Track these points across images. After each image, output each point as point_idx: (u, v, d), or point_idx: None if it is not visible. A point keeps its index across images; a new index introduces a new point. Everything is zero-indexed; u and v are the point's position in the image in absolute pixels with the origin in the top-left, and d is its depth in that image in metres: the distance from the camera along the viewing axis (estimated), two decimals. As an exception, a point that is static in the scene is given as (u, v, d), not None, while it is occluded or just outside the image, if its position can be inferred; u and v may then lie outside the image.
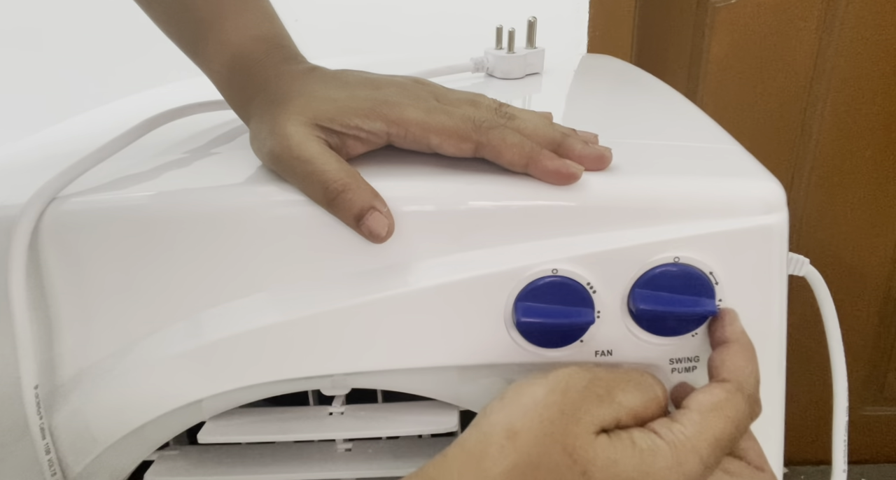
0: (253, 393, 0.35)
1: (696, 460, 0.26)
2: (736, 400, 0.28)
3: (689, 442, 0.26)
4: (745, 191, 0.32)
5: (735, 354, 0.30)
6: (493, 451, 0.25)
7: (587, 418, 0.26)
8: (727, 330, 0.31)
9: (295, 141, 0.32)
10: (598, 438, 0.26)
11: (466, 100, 0.34)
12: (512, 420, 0.26)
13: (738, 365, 0.29)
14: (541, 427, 0.26)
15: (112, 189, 0.34)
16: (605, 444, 0.26)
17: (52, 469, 0.34)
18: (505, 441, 0.26)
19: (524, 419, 0.26)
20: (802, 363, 1.10)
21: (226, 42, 0.36)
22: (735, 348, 0.30)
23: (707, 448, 0.26)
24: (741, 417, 0.28)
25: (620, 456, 0.26)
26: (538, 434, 0.26)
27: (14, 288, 0.32)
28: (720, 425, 0.27)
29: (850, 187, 1.08)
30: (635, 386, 0.28)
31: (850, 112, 1.03)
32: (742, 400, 0.28)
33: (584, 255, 0.31)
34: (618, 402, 0.27)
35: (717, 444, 0.26)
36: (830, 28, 0.98)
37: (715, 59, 1.00)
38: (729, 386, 0.28)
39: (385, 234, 0.31)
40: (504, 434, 0.26)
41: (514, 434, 0.26)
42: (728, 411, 0.27)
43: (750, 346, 0.30)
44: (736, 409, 0.27)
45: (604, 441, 0.26)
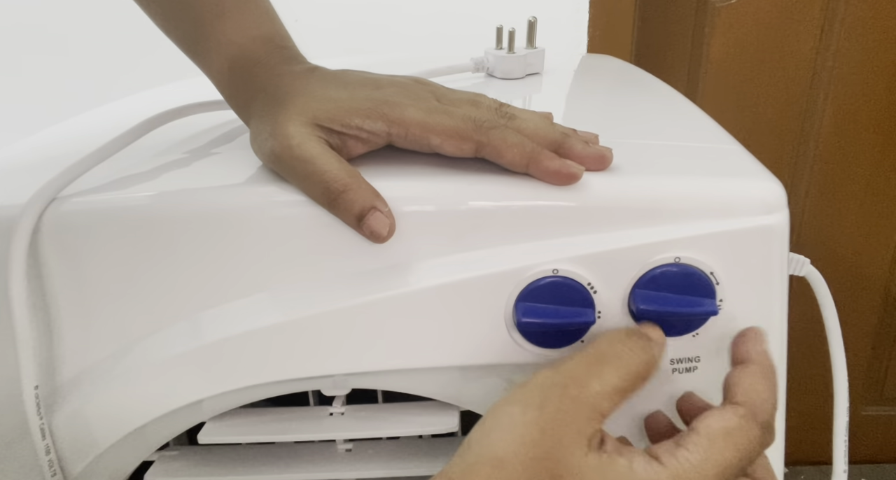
0: (253, 394, 0.35)
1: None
2: (749, 428, 0.26)
3: (694, 472, 0.25)
4: (746, 191, 0.32)
5: (753, 376, 0.28)
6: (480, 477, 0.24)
7: (570, 435, 0.25)
8: (750, 349, 0.29)
9: (296, 141, 0.32)
10: (587, 460, 0.25)
11: (467, 100, 0.34)
12: (495, 449, 0.25)
13: (756, 389, 0.28)
14: (525, 452, 0.25)
15: (112, 189, 0.34)
16: (597, 468, 0.25)
17: (53, 469, 0.34)
18: (491, 471, 0.24)
19: (506, 444, 0.25)
20: (802, 363, 1.10)
21: (226, 42, 0.36)
22: (754, 369, 0.28)
23: (713, 477, 0.25)
24: (752, 446, 0.26)
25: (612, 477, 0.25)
26: (523, 459, 0.25)
27: (14, 288, 0.32)
28: (728, 454, 0.25)
29: (850, 187, 1.08)
30: (609, 366, 0.27)
31: (850, 112, 1.03)
32: (755, 428, 0.26)
33: (585, 255, 0.31)
34: (594, 397, 0.26)
35: (723, 474, 0.25)
36: (830, 28, 0.98)
37: (715, 59, 1.00)
38: (743, 413, 0.27)
39: (386, 234, 0.31)
40: (490, 464, 0.25)
41: (499, 462, 0.25)
42: (739, 439, 0.26)
43: (771, 370, 0.29)
44: (748, 438, 0.26)
45: (594, 463, 0.25)
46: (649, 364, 0.27)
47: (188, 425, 0.36)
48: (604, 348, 0.28)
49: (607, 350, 0.27)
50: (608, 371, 0.27)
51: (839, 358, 0.40)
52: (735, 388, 0.28)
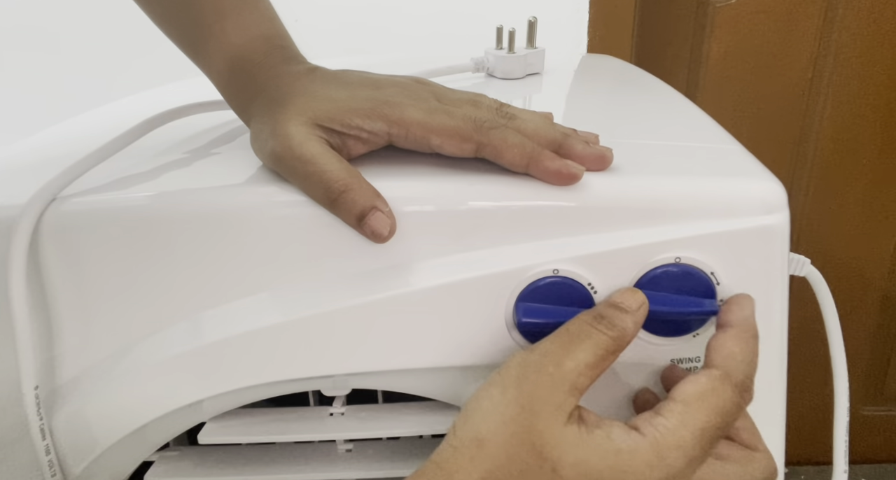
0: (253, 394, 0.35)
1: (679, 454, 0.25)
2: (722, 390, 0.27)
3: (672, 436, 0.26)
4: (747, 192, 0.32)
5: (730, 339, 0.29)
6: (464, 463, 0.26)
7: (547, 409, 0.26)
8: (732, 315, 0.30)
9: (296, 141, 0.32)
10: (566, 431, 0.26)
11: (467, 101, 0.34)
12: (477, 429, 0.26)
13: (732, 352, 0.28)
14: (505, 429, 0.26)
15: (112, 189, 0.34)
16: (576, 440, 0.26)
17: (52, 469, 0.34)
18: (475, 451, 0.26)
19: (487, 424, 0.26)
20: (802, 363, 1.10)
21: (226, 42, 0.36)
22: (732, 333, 0.29)
23: (691, 440, 0.26)
24: (728, 407, 0.27)
25: (592, 455, 0.25)
26: (504, 436, 0.26)
27: (14, 288, 0.32)
28: (704, 416, 0.26)
29: (849, 187, 1.08)
30: (581, 344, 0.28)
31: (850, 112, 1.03)
32: (729, 388, 0.27)
33: (585, 256, 0.31)
34: (568, 372, 0.27)
35: (703, 435, 0.26)
36: (830, 28, 0.98)
37: (715, 59, 1.00)
38: (715, 374, 0.27)
39: (387, 234, 0.31)
40: (473, 445, 0.26)
41: (481, 442, 0.26)
42: (713, 401, 0.27)
43: (750, 332, 0.29)
44: (722, 399, 0.27)
45: (573, 435, 0.26)
46: (618, 340, 0.28)
47: (188, 425, 0.36)
48: (574, 328, 0.29)
49: (577, 330, 0.28)
50: (580, 349, 0.28)
51: (839, 358, 0.40)
52: (712, 353, 0.29)
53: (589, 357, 0.27)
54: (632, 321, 0.29)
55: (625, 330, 0.28)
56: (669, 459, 0.25)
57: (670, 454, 0.25)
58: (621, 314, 0.29)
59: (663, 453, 0.25)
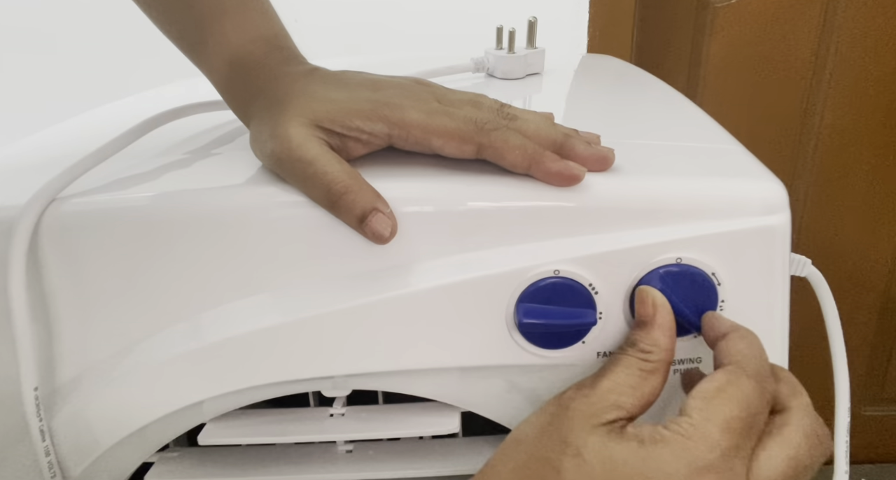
0: (254, 395, 0.35)
1: (706, 447, 0.26)
2: (739, 381, 0.27)
3: (698, 430, 0.26)
4: (748, 192, 0.32)
5: (732, 341, 0.29)
6: (500, 457, 0.29)
7: (578, 414, 0.28)
8: (719, 326, 0.31)
9: (296, 142, 0.31)
10: (595, 428, 0.27)
11: (468, 101, 0.34)
12: (517, 434, 0.29)
13: (738, 349, 0.29)
14: (539, 429, 0.29)
15: (112, 190, 0.33)
16: (603, 437, 0.27)
17: (52, 471, 0.34)
18: (513, 447, 0.29)
19: (526, 429, 0.29)
20: (802, 363, 1.10)
21: (225, 43, 0.36)
22: (732, 336, 0.30)
23: (718, 432, 0.26)
24: (749, 396, 0.27)
25: (616, 445, 0.26)
26: (538, 434, 0.28)
27: (14, 289, 0.31)
28: (727, 408, 0.26)
29: (850, 187, 1.08)
30: (621, 367, 0.29)
31: (850, 112, 1.03)
32: (746, 379, 0.27)
33: (586, 256, 0.31)
34: (604, 388, 0.28)
35: (729, 427, 0.26)
36: (830, 28, 0.98)
37: (715, 59, 1.00)
38: (730, 369, 0.28)
39: (388, 235, 0.31)
40: (513, 443, 0.29)
41: (518, 441, 0.29)
42: (732, 392, 0.27)
43: (748, 333, 0.30)
44: (741, 389, 0.27)
45: (602, 433, 0.27)
46: (650, 356, 0.29)
47: (188, 426, 0.36)
48: (611, 356, 0.31)
49: (613, 357, 0.30)
50: (615, 371, 0.29)
51: (840, 358, 0.40)
52: (720, 355, 0.29)
53: (625, 377, 0.29)
54: (665, 337, 0.30)
55: (661, 350, 0.30)
56: (697, 452, 0.26)
57: (698, 447, 0.26)
58: (645, 332, 0.30)
59: (690, 447, 0.26)
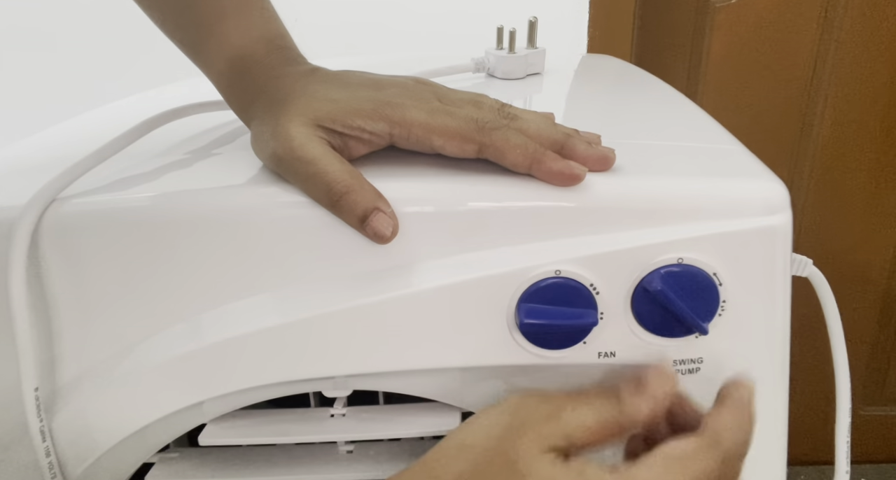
0: (254, 395, 0.35)
1: None
2: (706, 456, 0.27)
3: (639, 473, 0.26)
4: (749, 192, 0.32)
5: (725, 410, 0.29)
6: (444, 461, 0.28)
7: (531, 433, 0.27)
8: (731, 392, 0.30)
9: (297, 142, 0.31)
10: (543, 456, 0.26)
11: (469, 101, 0.34)
12: (465, 437, 0.28)
13: (724, 420, 0.28)
14: (488, 442, 0.28)
15: (112, 190, 0.33)
16: (549, 464, 0.26)
17: (52, 471, 0.34)
18: (456, 453, 0.28)
19: (475, 435, 0.28)
20: (802, 363, 1.10)
21: (226, 43, 0.36)
22: (728, 405, 0.29)
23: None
24: (706, 471, 0.26)
25: (561, 478, 0.26)
26: (485, 446, 0.27)
27: (14, 289, 0.31)
28: (678, 474, 0.26)
29: (850, 187, 1.08)
30: (589, 407, 0.28)
31: (850, 112, 1.03)
32: (714, 457, 0.27)
33: (588, 256, 0.31)
34: (565, 419, 0.28)
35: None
36: (830, 28, 0.98)
37: (715, 59, 1.00)
38: (703, 439, 0.27)
39: (390, 235, 0.31)
40: (457, 448, 0.28)
41: (464, 447, 0.28)
42: (693, 465, 0.26)
43: (745, 411, 0.29)
44: (703, 466, 0.27)
45: (549, 460, 0.26)
46: (624, 419, 0.29)
47: (189, 427, 0.36)
48: (593, 394, 0.29)
49: (592, 392, 0.29)
50: (585, 407, 0.28)
51: (841, 358, 0.40)
52: (708, 419, 0.29)
53: (589, 419, 0.28)
54: (647, 407, 0.29)
55: (635, 414, 0.28)
56: None
57: None
58: (638, 398, 0.29)
59: None
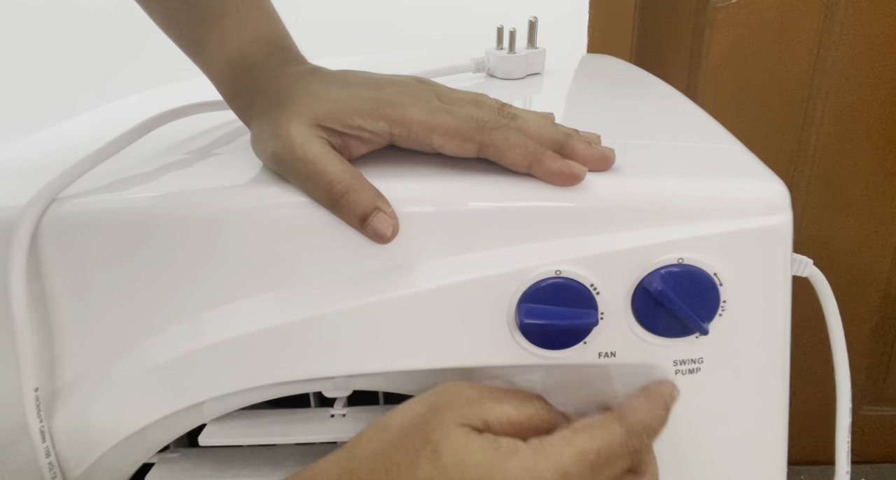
0: (254, 396, 0.35)
1: (554, 465, 0.27)
2: (610, 426, 0.29)
3: (552, 449, 0.27)
4: (750, 192, 0.32)
5: (637, 396, 0.31)
6: (364, 440, 0.29)
7: (450, 413, 0.28)
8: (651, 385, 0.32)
9: (298, 142, 0.31)
10: (457, 428, 0.28)
11: (469, 100, 0.34)
12: (387, 418, 0.29)
13: (633, 402, 0.31)
14: (408, 420, 0.29)
15: (112, 190, 0.33)
16: (462, 434, 0.27)
17: (53, 472, 0.34)
18: (375, 433, 0.29)
19: (396, 416, 0.29)
20: (801, 363, 1.10)
21: (226, 43, 0.36)
22: (642, 393, 0.31)
23: (569, 456, 0.27)
24: (612, 440, 0.28)
25: (473, 446, 0.27)
26: (404, 425, 0.28)
27: (14, 290, 0.31)
28: (586, 441, 0.28)
29: (850, 187, 1.08)
30: (512, 401, 0.30)
31: (850, 112, 1.03)
32: (617, 426, 0.29)
33: (588, 257, 0.31)
34: (487, 407, 0.29)
35: (581, 457, 0.27)
36: (830, 28, 0.98)
37: (715, 59, 1.00)
38: (609, 415, 0.30)
39: (390, 235, 0.31)
40: (376, 428, 0.29)
41: (384, 427, 0.29)
42: (597, 431, 0.28)
43: (658, 399, 0.31)
44: (607, 433, 0.29)
45: (462, 431, 0.28)
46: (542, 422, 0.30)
47: (189, 427, 0.36)
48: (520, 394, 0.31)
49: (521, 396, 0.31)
50: (508, 403, 0.30)
51: (842, 359, 0.40)
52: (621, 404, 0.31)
53: (512, 412, 0.29)
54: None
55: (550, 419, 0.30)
56: (541, 467, 0.27)
57: (545, 462, 0.27)
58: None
59: (538, 459, 0.27)
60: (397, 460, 0.27)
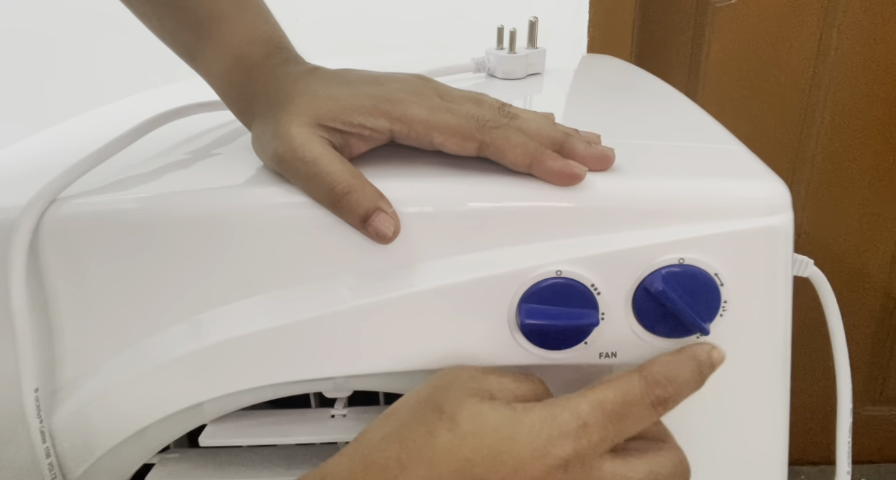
0: (254, 396, 0.35)
1: (572, 415, 0.27)
2: (628, 377, 0.28)
3: (569, 402, 0.27)
4: (750, 192, 0.32)
5: (666, 354, 0.30)
6: (372, 430, 0.28)
7: (457, 387, 0.28)
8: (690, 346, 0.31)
9: (298, 142, 0.31)
10: (469, 398, 0.28)
11: (470, 99, 0.34)
12: (392, 407, 0.29)
13: (657, 359, 0.30)
14: (416, 402, 0.29)
15: (112, 190, 0.33)
16: (476, 402, 0.27)
17: (53, 472, 0.34)
18: (383, 420, 0.29)
19: (402, 402, 0.29)
20: (801, 363, 1.10)
21: (224, 46, 0.36)
22: (675, 352, 0.30)
23: (587, 407, 0.27)
24: (630, 390, 0.28)
25: (489, 410, 0.27)
26: (413, 406, 0.29)
27: (14, 290, 0.31)
28: (603, 391, 0.28)
29: (850, 187, 1.08)
30: (513, 377, 0.30)
31: (850, 112, 1.03)
32: (637, 376, 0.28)
33: (589, 257, 0.31)
34: (491, 380, 0.29)
35: (599, 407, 0.27)
36: (830, 28, 0.98)
37: (715, 59, 1.00)
38: (630, 370, 0.29)
39: (391, 235, 0.31)
40: (383, 417, 0.29)
41: (392, 413, 0.29)
42: (616, 382, 0.28)
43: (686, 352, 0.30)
44: (626, 382, 0.28)
45: (475, 400, 0.28)
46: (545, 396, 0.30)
47: (189, 427, 0.36)
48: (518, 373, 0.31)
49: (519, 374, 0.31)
50: (509, 377, 0.30)
51: (842, 359, 0.40)
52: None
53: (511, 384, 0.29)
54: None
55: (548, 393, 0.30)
56: (561, 418, 0.27)
57: (562, 413, 0.27)
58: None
59: (556, 412, 0.27)
60: (412, 436, 0.27)
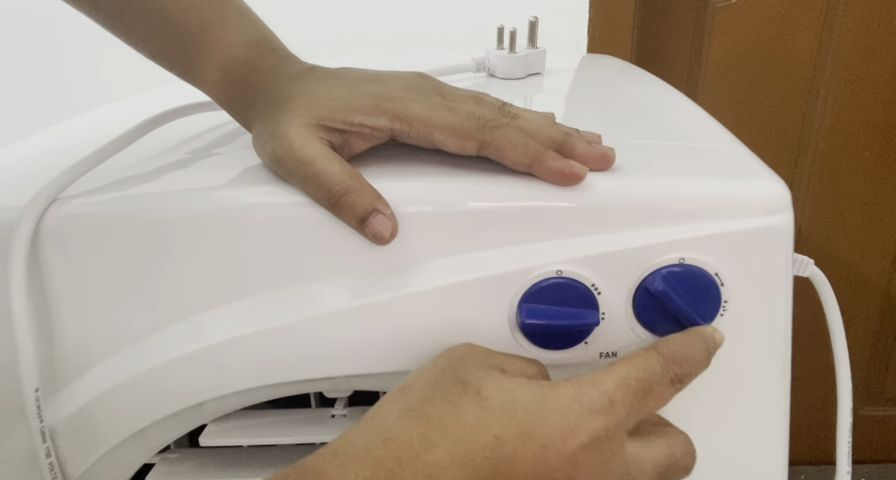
0: (255, 396, 0.35)
1: (599, 392, 0.27)
2: (647, 354, 0.29)
3: (594, 379, 0.27)
4: (751, 192, 0.32)
5: (679, 333, 0.31)
6: (387, 405, 0.27)
7: (474, 362, 0.28)
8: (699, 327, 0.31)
9: (297, 143, 0.31)
10: (490, 371, 0.28)
11: (471, 98, 0.34)
12: (407, 381, 0.29)
13: (672, 337, 0.30)
14: (431, 377, 0.28)
15: (113, 190, 0.33)
16: (500, 376, 0.27)
17: (53, 472, 0.34)
18: (399, 393, 0.28)
19: (416, 377, 0.29)
20: (801, 363, 1.10)
21: (216, 52, 0.36)
22: (685, 331, 0.31)
23: (612, 384, 0.27)
24: (651, 366, 0.28)
25: (515, 386, 0.27)
26: (428, 381, 0.28)
27: (14, 290, 0.31)
28: (626, 368, 0.28)
29: (849, 187, 1.08)
30: (521, 358, 0.30)
31: (850, 112, 1.03)
32: (655, 354, 0.29)
33: (589, 256, 0.31)
34: (502, 358, 0.29)
35: (625, 383, 0.27)
36: (830, 28, 0.98)
37: (715, 59, 1.00)
38: (648, 347, 0.29)
39: (389, 236, 0.31)
40: (399, 390, 0.28)
41: (407, 387, 0.28)
42: (636, 359, 0.28)
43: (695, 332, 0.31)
44: (645, 360, 0.28)
45: (497, 372, 0.28)
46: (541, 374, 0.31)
47: (189, 427, 0.36)
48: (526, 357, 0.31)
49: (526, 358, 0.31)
50: (517, 359, 0.30)
51: (843, 359, 0.40)
52: None
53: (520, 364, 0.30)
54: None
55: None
56: (589, 395, 0.27)
57: (590, 391, 0.27)
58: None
59: (584, 389, 0.27)
60: (436, 411, 0.26)
